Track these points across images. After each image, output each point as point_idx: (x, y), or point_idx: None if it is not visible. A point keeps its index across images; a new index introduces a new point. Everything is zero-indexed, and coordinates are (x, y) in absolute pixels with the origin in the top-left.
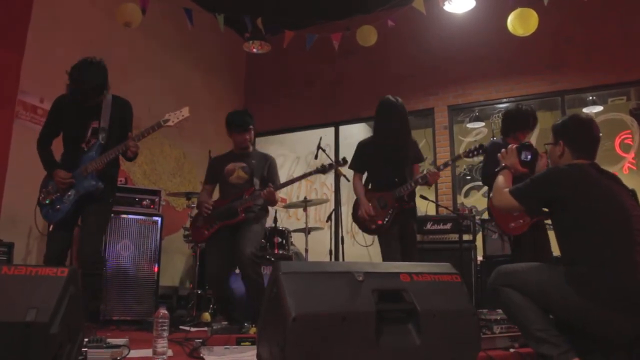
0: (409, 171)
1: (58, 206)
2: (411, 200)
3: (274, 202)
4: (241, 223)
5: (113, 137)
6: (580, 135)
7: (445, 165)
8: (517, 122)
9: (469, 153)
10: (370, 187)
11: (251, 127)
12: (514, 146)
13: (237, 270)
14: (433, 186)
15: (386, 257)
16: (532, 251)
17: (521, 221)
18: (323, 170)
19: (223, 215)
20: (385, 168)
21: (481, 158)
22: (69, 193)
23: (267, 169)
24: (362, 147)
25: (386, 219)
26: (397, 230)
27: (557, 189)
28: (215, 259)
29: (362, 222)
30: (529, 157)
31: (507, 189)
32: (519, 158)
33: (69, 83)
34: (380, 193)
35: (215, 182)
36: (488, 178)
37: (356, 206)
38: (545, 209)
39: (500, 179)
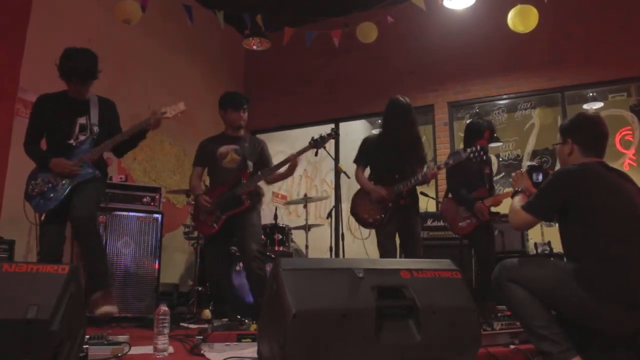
0: (411, 170)
1: (51, 194)
2: (410, 197)
3: (293, 171)
4: (241, 212)
5: (102, 134)
6: (589, 133)
7: (446, 164)
8: (476, 134)
9: (475, 157)
10: (372, 182)
11: (246, 106)
12: (525, 170)
13: (237, 267)
14: (433, 183)
15: (382, 252)
16: (478, 248)
17: (468, 221)
18: (316, 144)
19: (228, 205)
20: (388, 165)
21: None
22: (63, 182)
23: (259, 152)
24: (367, 142)
25: (383, 215)
26: (395, 225)
27: (565, 192)
28: (215, 255)
29: (362, 214)
30: (540, 177)
31: (519, 206)
32: (530, 180)
33: (60, 74)
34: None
35: (205, 165)
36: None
37: (356, 200)
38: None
39: (515, 199)
